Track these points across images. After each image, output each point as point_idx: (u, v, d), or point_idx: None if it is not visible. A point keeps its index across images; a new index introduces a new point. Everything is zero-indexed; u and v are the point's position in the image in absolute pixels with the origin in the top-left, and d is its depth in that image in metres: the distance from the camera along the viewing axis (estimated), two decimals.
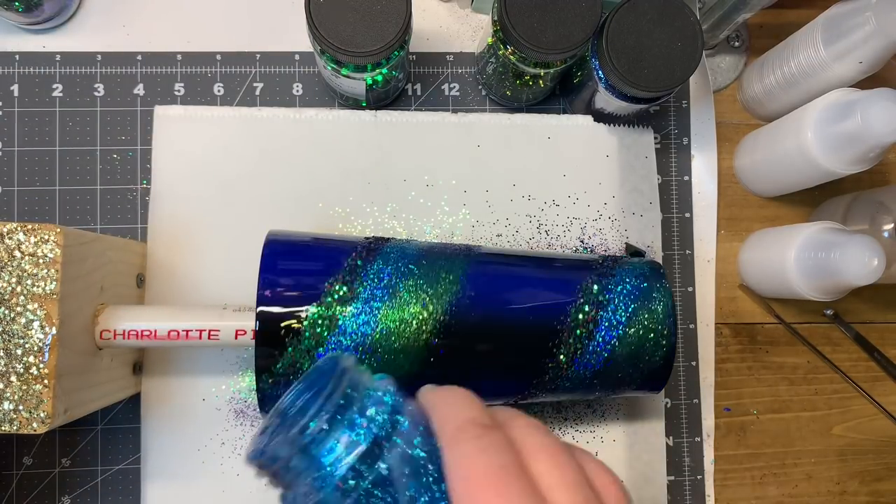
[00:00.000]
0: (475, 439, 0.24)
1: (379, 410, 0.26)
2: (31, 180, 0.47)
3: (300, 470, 0.25)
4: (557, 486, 0.24)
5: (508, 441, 0.25)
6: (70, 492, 0.45)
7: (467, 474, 0.23)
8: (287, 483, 0.26)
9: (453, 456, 0.24)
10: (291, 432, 0.25)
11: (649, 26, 0.42)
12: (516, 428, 0.26)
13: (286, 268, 0.38)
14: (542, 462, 0.24)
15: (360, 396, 0.26)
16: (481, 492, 0.23)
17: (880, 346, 0.53)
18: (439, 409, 0.27)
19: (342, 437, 0.25)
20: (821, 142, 0.44)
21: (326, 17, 0.39)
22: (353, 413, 0.26)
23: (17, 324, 0.34)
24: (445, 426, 0.25)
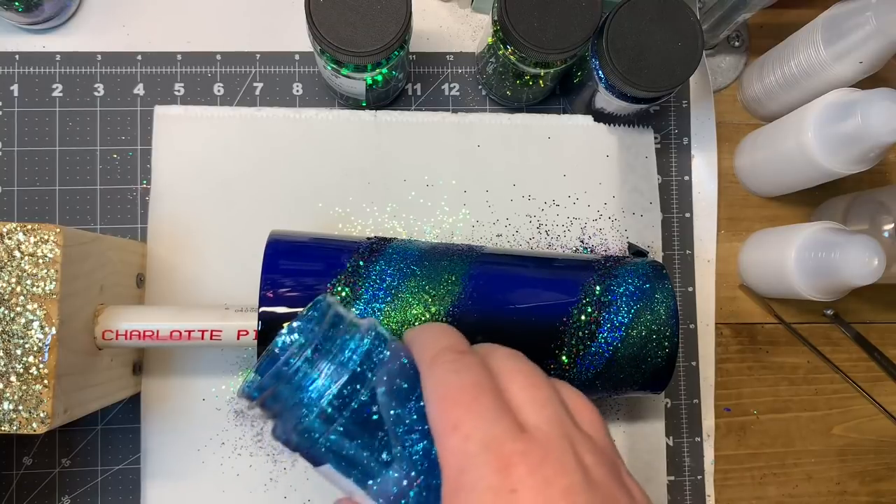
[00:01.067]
0: (450, 363, 0.25)
1: (362, 344, 0.27)
2: (31, 180, 0.47)
3: (286, 400, 0.26)
4: (529, 403, 0.24)
5: (483, 364, 0.26)
6: (70, 492, 0.45)
7: (441, 393, 0.24)
8: (275, 413, 0.27)
9: (429, 378, 0.25)
10: (277, 364, 0.26)
11: (649, 26, 0.42)
12: (494, 355, 0.27)
13: (288, 268, 0.38)
14: (517, 382, 0.25)
15: (343, 330, 0.27)
16: (453, 407, 0.24)
17: (880, 346, 0.53)
18: (418, 340, 0.27)
19: (325, 368, 0.26)
20: (821, 142, 0.44)
21: (326, 17, 0.39)
22: (336, 345, 0.27)
23: (17, 324, 0.34)
24: (424, 354, 0.26)
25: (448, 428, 0.23)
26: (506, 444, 0.22)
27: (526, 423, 0.24)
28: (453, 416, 0.23)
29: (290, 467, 0.45)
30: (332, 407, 0.26)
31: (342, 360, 0.27)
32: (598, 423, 0.26)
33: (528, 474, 0.22)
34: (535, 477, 0.22)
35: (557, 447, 0.23)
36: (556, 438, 0.23)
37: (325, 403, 0.26)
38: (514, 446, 0.22)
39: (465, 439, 0.23)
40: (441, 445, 0.23)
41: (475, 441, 0.22)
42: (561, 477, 0.22)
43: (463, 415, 0.23)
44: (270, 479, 0.45)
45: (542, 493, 0.21)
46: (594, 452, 0.24)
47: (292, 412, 0.26)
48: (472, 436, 0.23)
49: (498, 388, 0.25)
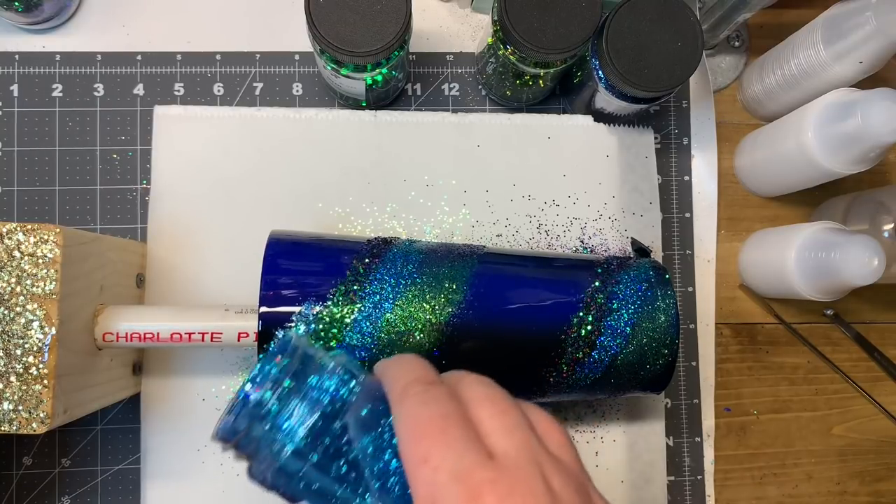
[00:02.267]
0: (418, 395, 0.26)
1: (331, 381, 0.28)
2: (31, 180, 0.47)
3: (260, 439, 0.27)
4: (498, 430, 0.25)
5: (452, 394, 0.26)
6: (70, 492, 0.45)
7: (411, 426, 0.25)
8: (250, 454, 0.28)
9: (399, 411, 0.26)
10: (249, 405, 0.27)
11: (649, 26, 0.42)
12: (463, 384, 0.27)
13: (288, 268, 0.38)
14: (485, 409, 0.25)
15: (313, 368, 0.28)
16: (421, 439, 0.24)
17: (880, 346, 0.53)
18: (388, 373, 0.28)
19: (297, 407, 0.27)
20: (821, 142, 0.44)
21: (326, 17, 0.39)
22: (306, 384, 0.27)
23: (17, 324, 0.34)
24: (393, 386, 0.27)
25: (418, 460, 0.24)
26: (475, 474, 0.23)
27: (495, 450, 0.24)
28: (422, 448, 0.24)
29: None
30: (306, 444, 0.26)
31: (313, 397, 0.27)
32: (566, 445, 0.26)
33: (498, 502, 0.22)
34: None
35: (526, 473, 0.23)
36: (525, 464, 0.24)
37: (299, 441, 0.26)
38: (483, 475, 0.23)
39: (434, 471, 0.23)
40: (412, 477, 0.24)
41: (444, 472, 0.23)
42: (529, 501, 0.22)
43: (432, 446, 0.24)
44: None
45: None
46: (562, 475, 0.24)
47: (267, 451, 0.27)
48: (441, 467, 0.23)
49: (466, 416, 0.25)
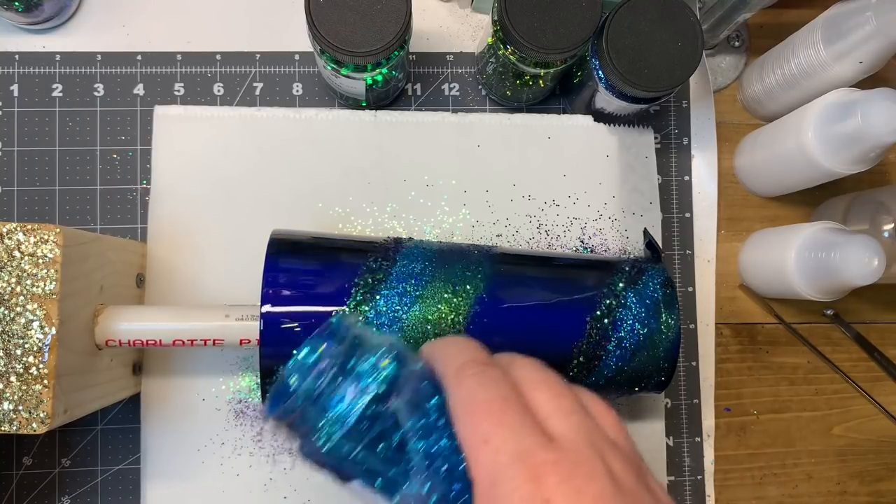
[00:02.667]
0: (475, 375, 0.26)
1: (384, 362, 0.27)
2: (31, 180, 0.47)
3: (313, 419, 0.27)
4: (555, 413, 0.25)
5: (507, 376, 0.26)
6: (70, 492, 0.45)
7: (469, 407, 0.25)
8: (302, 433, 0.28)
9: (456, 392, 0.26)
10: (304, 385, 0.27)
11: (649, 26, 0.42)
12: (516, 366, 0.27)
13: (290, 267, 0.38)
14: (541, 393, 0.25)
15: (365, 350, 0.28)
16: (482, 421, 0.24)
17: (880, 346, 0.53)
18: (441, 355, 0.28)
19: (349, 388, 0.27)
20: (821, 142, 0.44)
21: (326, 17, 0.39)
22: (359, 365, 0.27)
23: (17, 324, 0.34)
24: (448, 368, 0.27)
25: (478, 442, 0.24)
26: (536, 455, 0.23)
27: (553, 432, 0.24)
28: (483, 429, 0.24)
29: (290, 468, 0.45)
30: (358, 426, 0.26)
31: (365, 379, 0.27)
32: (620, 428, 0.26)
33: (560, 483, 0.22)
34: (566, 486, 0.22)
35: (586, 455, 0.23)
36: (584, 447, 0.24)
37: (352, 423, 0.26)
38: (544, 456, 0.23)
39: (496, 452, 0.23)
40: (472, 459, 0.24)
41: (506, 453, 0.23)
42: (592, 484, 0.22)
43: (492, 428, 0.24)
44: (270, 479, 0.45)
45: (574, 502, 0.22)
46: (621, 459, 0.24)
47: (318, 432, 0.27)
48: (503, 448, 0.23)
49: (523, 399, 0.25)
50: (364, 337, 0.29)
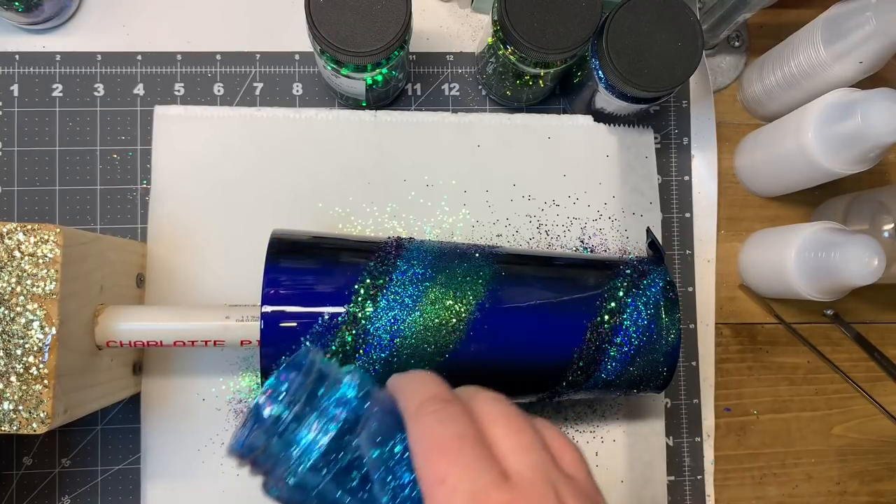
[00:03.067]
0: (434, 413, 0.26)
1: (347, 397, 0.28)
2: (31, 180, 0.47)
3: (277, 456, 0.27)
4: (513, 450, 0.25)
5: (467, 412, 0.26)
6: (70, 492, 0.45)
7: (427, 445, 0.25)
8: (266, 470, 0.28)
9: (415, 430, 0.26)
10: (266, 422, 0.27)
11: (649, 26, 0.42)
12: (477, 401, 0.27)
13: (290, 267, 0.38)
14: (500, 428, 0.26)
15: (329, 384, 0.28)
16: (439, 459, 0.24)
17: (880, 346, 0.53)
18: (403, 391, 0.28)
19: (313, 424, 0.27)
20: (821, 142, 0.44)
21: (326, 17, 0.39)
22: (322, 400, 0.28)
23: (17, 324, 0.34)
24: (409, 404, 0.27)
25: (435, 480, 0.24)
26: (491, 495, 0.23)
27: (510, 470, 0.24)
28: (440, 468, 0.24)
29: None
30: (323, 459, 0.27)
31: (329, 413, 0.27)
32: (580, 463, 0.27)
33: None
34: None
35: (540, 493, 0.24)
36: (540, 484, 0.24)
37: (316, 457, 0.27)
38: (499, 497, 0.23)
39: (451, 492, 0.23)
40: (429, 497, 0.24)
41: (461, 493, 0.23)
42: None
43: (448, 467, 0.24)
44: None
45: None
46: (576, 494, 0.24)
47: (283, 467, 0.27)
48: (458, 488, 0.23)
49: (482, 435, 0.25)
50: (328, 370, 0.29)
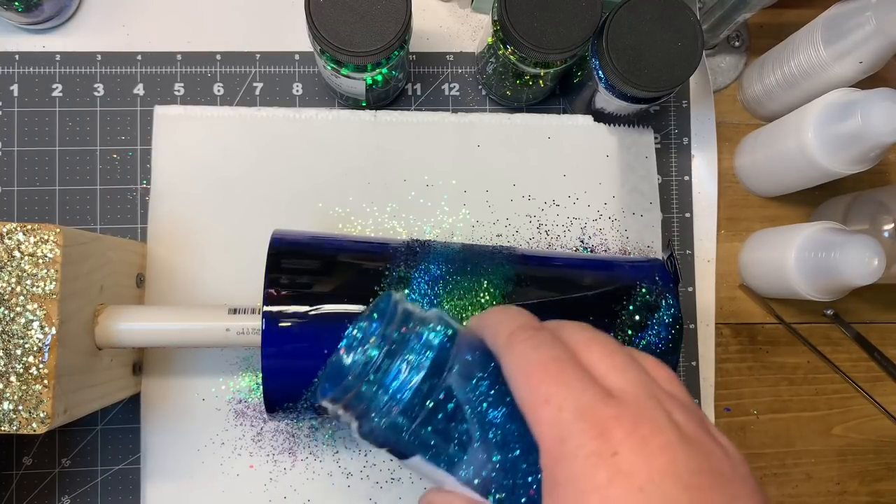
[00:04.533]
0: (527, 340, 0.26)
1: (434, 336, 0.28)
2: (31, 180, 0.47)
3: (369, 399, 0.27)
4: (611, 370, 0.25)
5: (559, 338, 0.26)
6: (70, 492, 0.45)
7: (526, 370, 0.25)
8: (359, 413, 0.28)
9: (510, 358, 0.26)
10: (357, 365, 0.27)
11: (649, 26, 0.42)
12: (566, 329, 0.27)
13: (292, 266, 0.38)
14: (594, 352, 0.26)
15: (414, 325, 0.28)
16: (541, 381, 0.24)
17: (880, 346, 0.53)
18: (491, 324, 0.28)
19: (403, 365, 0.27)
20: (821, 142, 0.44)
21: (326, 17, 0.39)
22: (411, 340, 0.28)
23: (17, 324, 0.34)
24: (499, 335, 0.27)
25: (539, 402, 0.24)
26: (599, 410, 0.23)
27: (612, 388, 0.24)
28: (542, 389, 0.24)
29: (289, 468, 0.45)
30: (415, 401, 0.27)
31: (418, 354, 0.27)
32: (676, 381, 0.26)
33: (626, 436, 0.22)
34: (632, 438, 0.22)
35: (647, 407, 0.23)
36: (644, 399, 0.24)
37: (407, 399, 0.27)
38: (607, 411, 0.23)
39: (558, 410, 0.23)
40: (535, 419, 0.24)
41: (569, 411, 0.23)
42: (657, 435, 0.22)
43: (552, 387, 0.24)
44: (270, 479, 0.45)
45: (641, 453, 0.22)
46: (681, 409, 0.24)
47: (376, 411, 0.27)
48: (565, 406, 0.23)
49: (577, 359, 0.25)
50: (413, 313, 0.29)
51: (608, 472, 0.21)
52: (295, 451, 0.45)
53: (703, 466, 0.22)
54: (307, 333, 0.36)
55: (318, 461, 0.45)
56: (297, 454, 0.45)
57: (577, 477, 0.22)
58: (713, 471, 0.22)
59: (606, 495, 0.21)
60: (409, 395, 0.27)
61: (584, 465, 0.22)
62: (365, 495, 0.45)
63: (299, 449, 0.45)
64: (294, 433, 0.45)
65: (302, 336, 0.36)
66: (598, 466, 0.22)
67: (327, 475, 0.45)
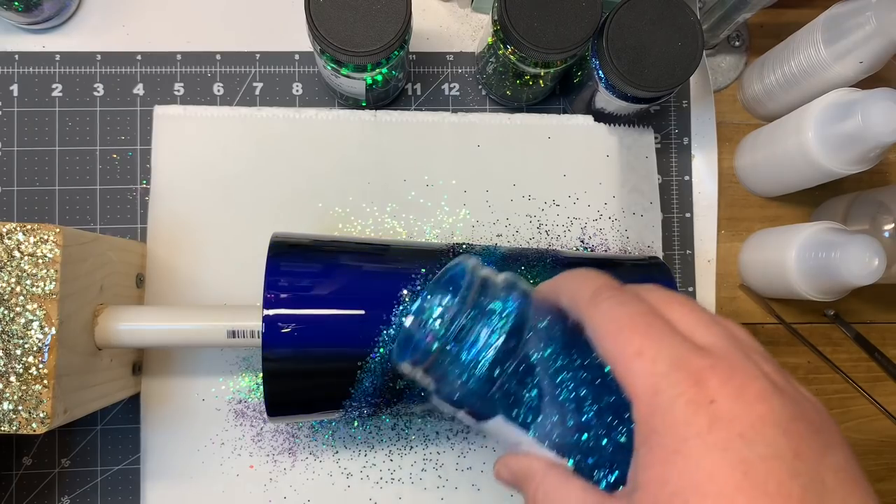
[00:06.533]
0: (612, 298, 0.26)
1: (511, 300, 0.28)
2: (31, 180, 0.47)
3: (448, 364, 0.28)
4: (696, 325, 0.25)
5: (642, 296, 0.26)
6: (70, 492, 0.45)
7: (615, 325, 0.25)
8: (437, 377, 0.28)
9: (595, 315, 0.26)
10: (437, 330, 0.28)
11: (649, 26, 0.42)
12: (646, 289, 0.27)
13: (291, 270, 0.38)
14: (677, 310, 0.26)
15: (492, 291, 0.29)
16: (631, 336, 0.24)
17: (881, 347, 0.53)
18: (569, 285, 0.28)
19: (482, 330, 0.27)
20: (821, 142, 0.44)
21: (326, 16, 0.39)
22: (488, 306, 0.28)
23: (17, 324, 0.34)
24: (581, 295, 0.27)
25: (631, 355, 0.24)
26: (692, 361, 0.23)
27: (700, 342, 0.25)
28: (633, 343, 0.24)
29: (289, 468, 0.45)
30: (495, 365, 0.27)
31: (495, 319, 0.28)
32: (755, 339, 0.27)
33: (722, 385, 0.22)
34: (728, 386, 0.22)
35: (739, 358, 0.24)
36: (734, 351, 0.24)
37: (488, 362, 0.27)
38: (700, 361, 0.23)
39: (652, 362, 0.23)
40: (625, 373, 0.24)
41: (663, 362, 0.23)
42: (752, 383, 0.23)
43: (643, 340, 0.24)
44: (270, 479, 0.45)
45: (739, 400, 0.22)
46: (769, 362, 0.25)
47: (456, 375, 0.28)
48: (658, 357, 0.23)
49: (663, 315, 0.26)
50: (489, 278, 0.29)
51: (707, 418, 0.22)
52: (295, 451, 0.45)
53: (797, 414, 0.23)
54: (308, 336, 0.36)
55: (318, 461, 0.45)
56: (297, 454, 0.45)
57: (676, 424, 0.22)
58: (805, 418, 0.23)
59: (707, 441, 0.21)
60: (489, 360, 0.27)
61: (684, 412, 0.22)
62: (365, 495, 0.45)
63: (299, 449, 0.45)
64: (294, 433, 0.45)
65: (302, 339, 0.36)
66: (698, 414, 0.22)
67: (327, 475, 0.45)
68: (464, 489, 0.46)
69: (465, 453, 0.46)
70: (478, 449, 0.46)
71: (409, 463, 0.46)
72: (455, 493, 0.46)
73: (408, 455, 0.46)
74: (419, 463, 0.46)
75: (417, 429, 0.46)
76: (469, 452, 0.46)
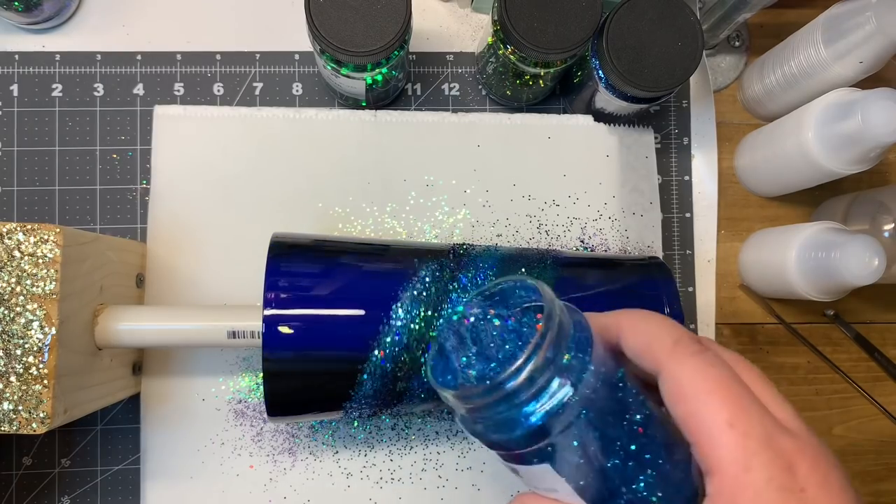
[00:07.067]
0: (700, 354, 0.24)
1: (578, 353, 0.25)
2: (31, 180, 0.47)
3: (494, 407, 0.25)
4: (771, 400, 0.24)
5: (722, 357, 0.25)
6: (70, 492, 0.45)
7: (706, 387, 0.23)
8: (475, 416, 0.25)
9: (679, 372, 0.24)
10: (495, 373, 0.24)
11: (649, 26, 0.42)
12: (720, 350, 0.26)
13: (292, 271, 0.38)
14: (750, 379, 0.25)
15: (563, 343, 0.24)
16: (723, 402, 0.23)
17: (881, 347, 0.53)
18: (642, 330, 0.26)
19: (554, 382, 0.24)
20: (821, 142, 0.44)
21: (326, 16, 0.39)
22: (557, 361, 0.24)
23: (17, 324, 0.34)
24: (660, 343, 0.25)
25: (723, 424, 0.23)
26: (782, 441, 0.23)
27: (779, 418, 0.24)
28: (724, 412, 0.23)
29: (289, 468, 0.45)
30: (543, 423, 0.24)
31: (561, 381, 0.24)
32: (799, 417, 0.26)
33: (810, 472, 0.22)
34: (816, 474, 0.22)
35: (817, 444, 0.23)
36: (811, 436, 0.24)
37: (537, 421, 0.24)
38: (788, 443, 0.23)
39: (744, 436, 0.22)
40: (712, 441, 0.23)
41: (755, 438, 0.22)
42: (833, 472, 0.23)
43: (734, 411, 0.23)
44: (270, 479, 0.45)
45: (827, 492, 0.22)
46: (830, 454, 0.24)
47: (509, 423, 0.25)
48: (751, 433, 0.22)
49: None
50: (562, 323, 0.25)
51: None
52: (295, 451, 0.45)
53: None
54: (308, 336, 0.36)
55: (318, 461, 0.45)
56: (297, 454, 0.45)
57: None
58: None
59: None
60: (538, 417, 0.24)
61: (774, 498, 0.22)
62: (365, 495, 0.45)
63: (299, 449, 0.45)
64: (294, 433, 0.45)
65: (302, 339, 0.36)
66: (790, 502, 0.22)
67: (327, 475, 0.45)
68: (464, 489, 0.46)
69: (465, 453, 0.46)
70: (478, 449, 0.46)
71: (409, 463, 0.46)
72: (455, 492, 0.46)
73: (408, 455, 0.46)
74: (419, 463, 0.46)
75: (417, 429, 0.46)
76: (469, 452, 0.46)
